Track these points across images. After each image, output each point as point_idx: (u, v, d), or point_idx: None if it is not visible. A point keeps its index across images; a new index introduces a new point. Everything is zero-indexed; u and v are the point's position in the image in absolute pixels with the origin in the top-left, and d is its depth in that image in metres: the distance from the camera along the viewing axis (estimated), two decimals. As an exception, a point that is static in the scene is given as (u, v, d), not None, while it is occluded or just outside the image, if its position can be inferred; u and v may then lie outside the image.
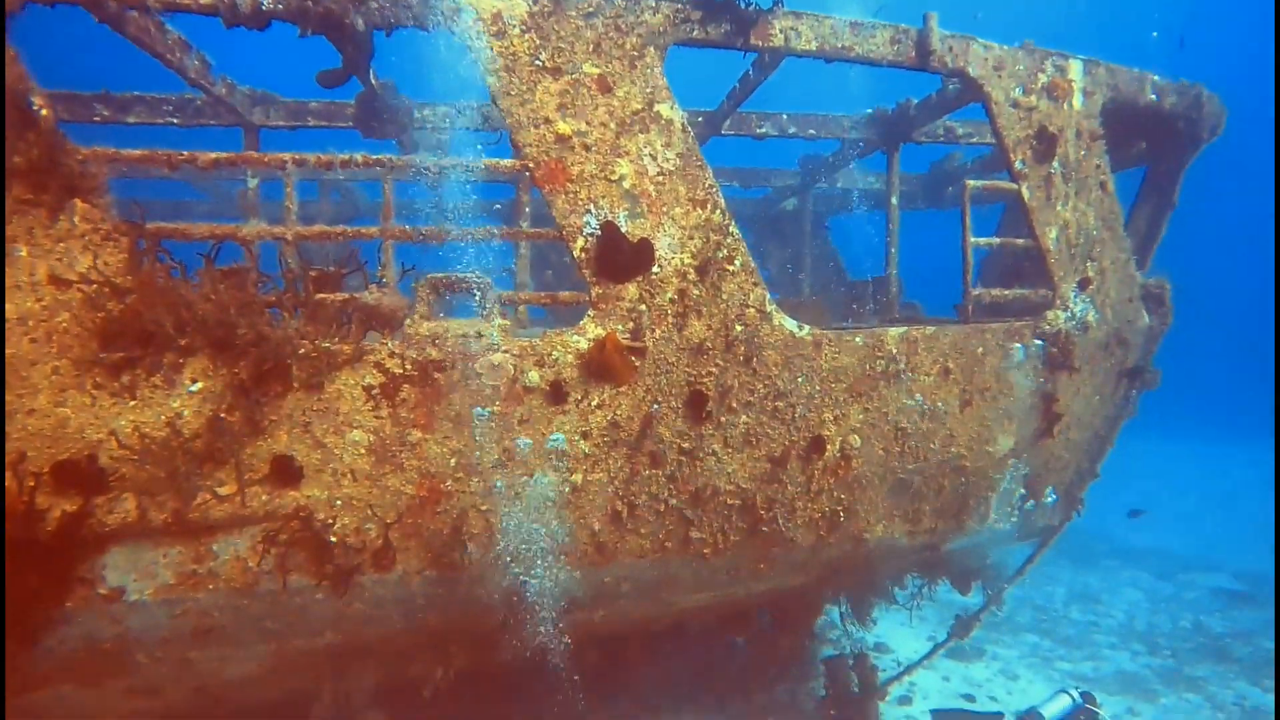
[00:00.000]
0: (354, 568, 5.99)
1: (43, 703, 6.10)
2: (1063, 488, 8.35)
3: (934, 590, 9.44)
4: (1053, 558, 18.01)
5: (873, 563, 7.46)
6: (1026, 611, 14.50)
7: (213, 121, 8.69)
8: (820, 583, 7.66)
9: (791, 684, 9.01)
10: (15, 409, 5.47)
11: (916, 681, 10.60)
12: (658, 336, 6.22)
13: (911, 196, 12.15)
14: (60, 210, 5.50)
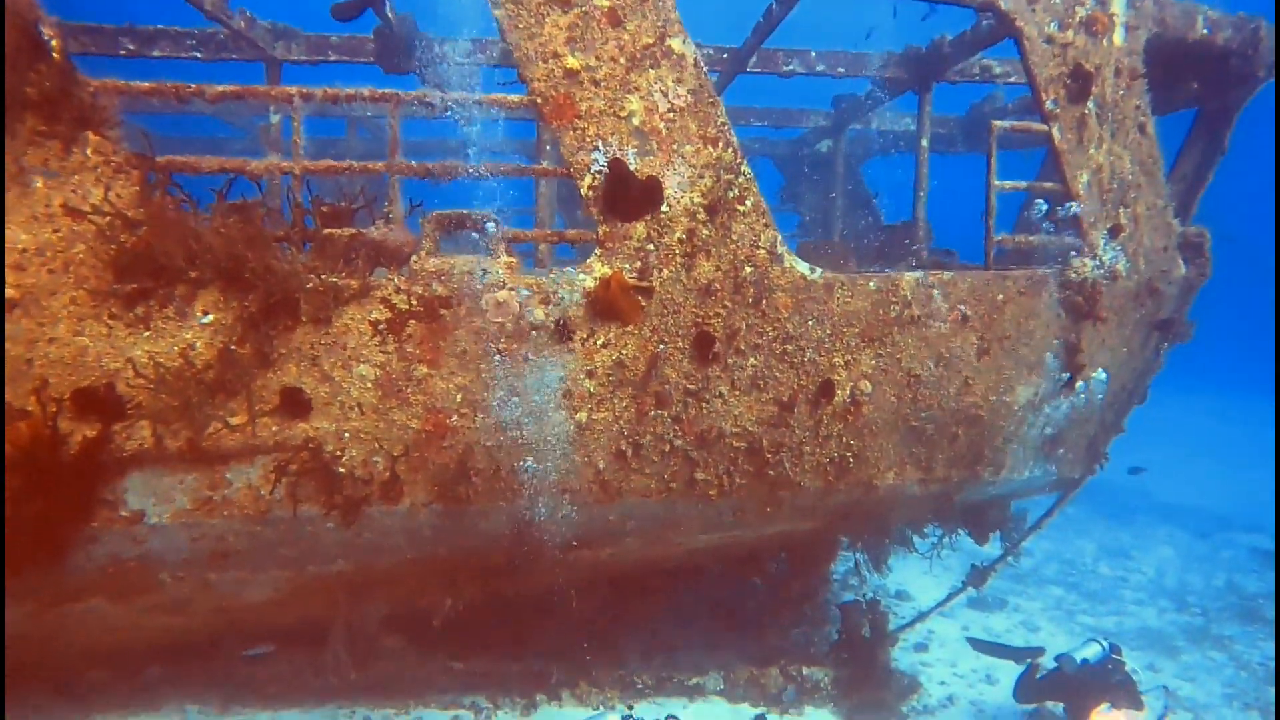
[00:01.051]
0: (362, 499, 6.12)
1: (79, 614, 6.39)
2: (1084, 441, 8.18)
3: (955, 540, 9.40)
4: (1085, 513, 17.78)
5: (884, 510, 7.42)
6: (1053, 565, 14.37)
7: (235, 56, 8.71)
8: (831, 528, 7.66)
9: (807, 628, 9.08)
10: (37, 337, 5.63)
11: (934, 630, 10.62)
12: (665, 276, 6.17)
13: (950, 139, 11.78)
14: (73, 142, 5.58)
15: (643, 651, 8.45)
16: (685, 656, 8.57)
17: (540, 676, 7.90)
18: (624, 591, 7.59)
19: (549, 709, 7.82)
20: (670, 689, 8.08)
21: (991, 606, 11.69)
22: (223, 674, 7.58)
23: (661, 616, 7.79)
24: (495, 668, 7.88)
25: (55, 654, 6.88)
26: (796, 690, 8.12)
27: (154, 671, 7.58)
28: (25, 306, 5.62)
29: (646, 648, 8.57)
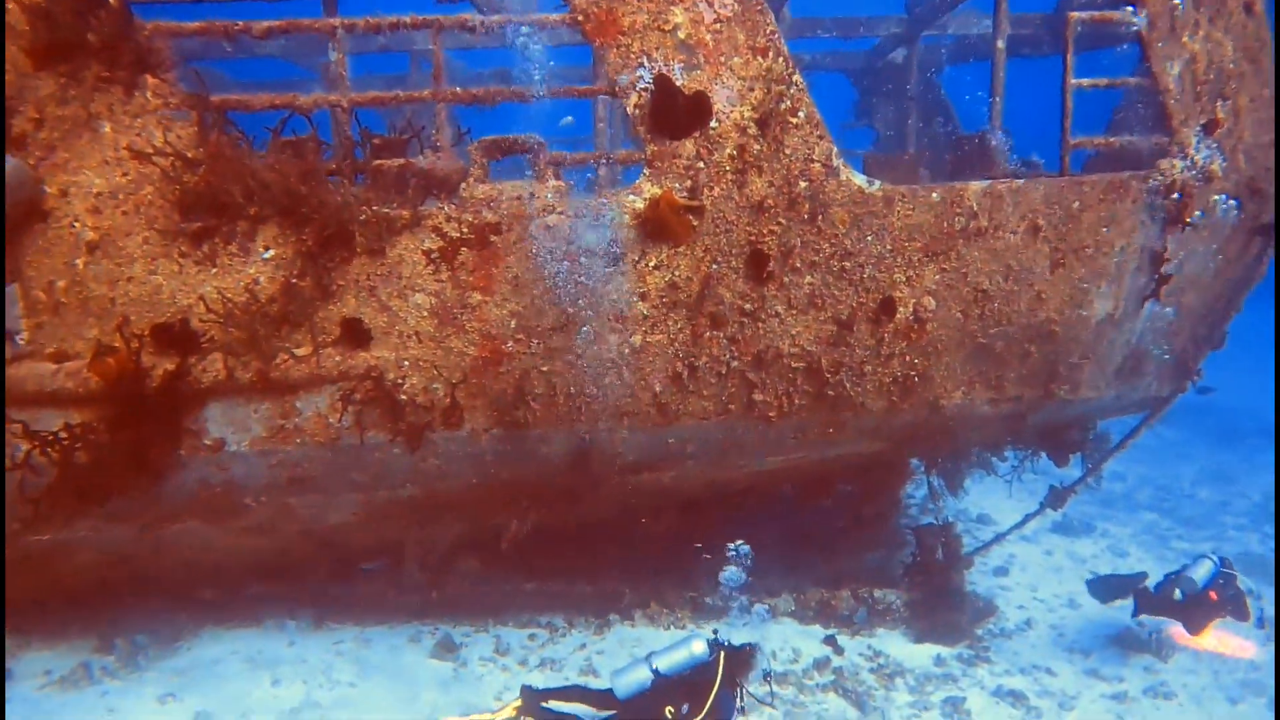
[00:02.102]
0: (425, 425, 6.30)
1: (177, 534, 6.83)
2: (1172, 356, 7.72)
3: (1036, 463, 9.11)
4: (1186, 436, 16.91)
5: (953, 431, 7.21)
6: (1146, 490, 13.78)
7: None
8: (899, 450, 7.51)
9: (880, 551, 9.01)
10: (117, 277, 5.93)
11: (1016, 554, 10.39)
12: (716, 194, 6.03)
13: (1035, 41, 11.01)
14: (134, 86, 5.76)
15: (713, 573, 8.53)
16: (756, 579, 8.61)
17: (613, 597, 8.09)
18: (692, 515, 7.64)
19: (622, 628, 8.01)
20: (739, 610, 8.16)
21: (1077, 531, 11.34)
22: (315, 592, 8.02)
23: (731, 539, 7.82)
24: (569, 589, 8.11)
25: (165, 570, 7.40)
26: (868, 612, 8.11)
27: (255, 589, 8.08)
28: (104, 248, 5.92)
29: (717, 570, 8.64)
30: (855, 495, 8.56)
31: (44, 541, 6.60)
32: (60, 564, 6.94)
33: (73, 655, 7.21)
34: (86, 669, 6.99)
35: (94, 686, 6.82)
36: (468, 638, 7.78)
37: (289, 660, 7.23)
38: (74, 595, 7.51)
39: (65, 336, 5.98)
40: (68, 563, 6.93)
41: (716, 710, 5.51)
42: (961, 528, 10.55)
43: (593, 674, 7.20)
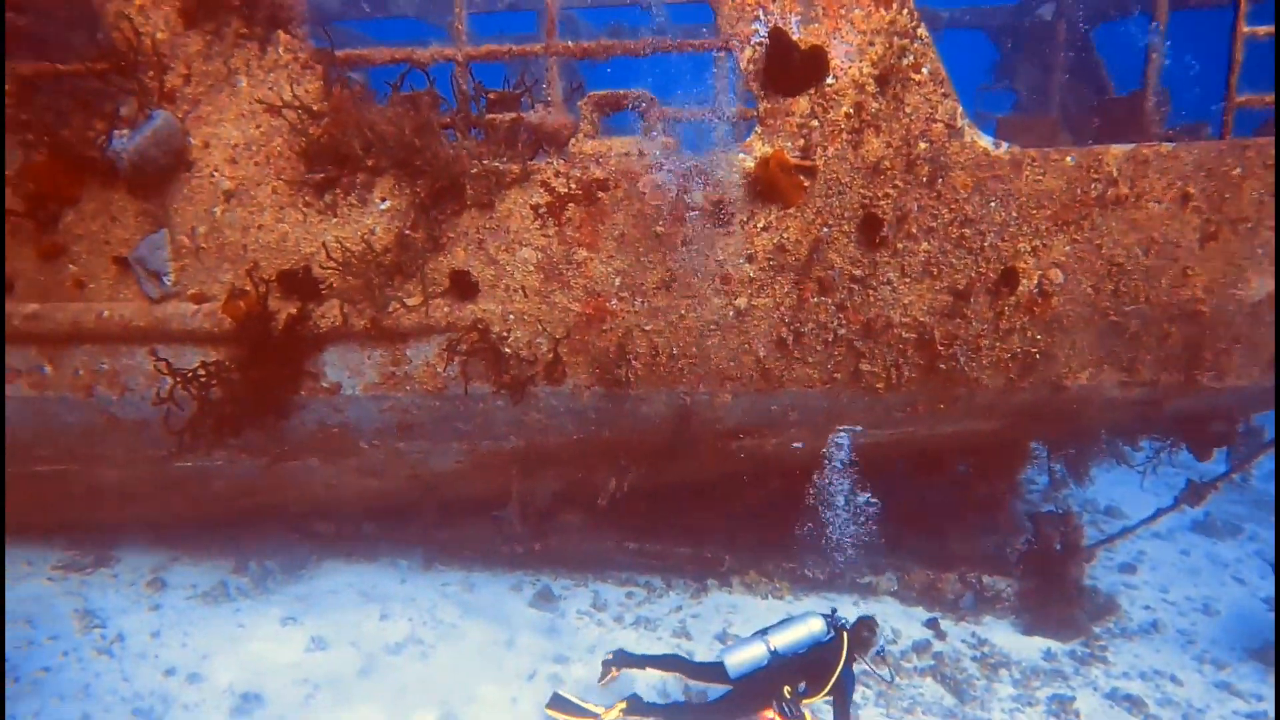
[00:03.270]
0: (528, 379, 6.41)
1: (298, 469, 7.25)
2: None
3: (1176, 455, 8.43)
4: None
5: (1078, 414, 6.74)
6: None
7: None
8: (1017, 430, 7.09)
9: (992, 536, 8.59)
10: (249, 224, 6.28)
11: (1146, 550, 9.69)
12: (830, 154, 5.80)
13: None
14: (268, 42, 6.04)
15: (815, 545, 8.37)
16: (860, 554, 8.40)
17: (711, 562, 8.07)
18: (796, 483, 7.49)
19: (719, 594, 7.99)
20: (841, 585, 8.00)
21: (1221, 532, 10.45)
22: (425, 534, 8.38)
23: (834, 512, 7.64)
24: (668, 550, 8.13)
25: (288, 503, 7.89)
26: (975, 598, 7.77)
27: (369, 528, 8.51)
28: (239, 196, 6.27)
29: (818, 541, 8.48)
30: (968, 475, 8.17)
31: (186, 468, 7.14)
32: (199, 490, 7.50)
33: (214, 573, 7.83)
34: (224, 587, 7.57)
35: (229, 603, 7.39)
36: (567, 590, 7.95)
37: (398, 597, 7.58)
38: (213, 519, 8.12)
39: (204, 279, 6.39)
40: (206, 489, 7.49)
41: (839, 690, 5.33)
42: (1086, 518, 9.99)
43: (685, 637, 7.22)
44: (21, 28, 6.63)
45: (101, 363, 6.59)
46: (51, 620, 6.92)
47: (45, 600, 7.24)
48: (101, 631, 6.83)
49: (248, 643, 6.77)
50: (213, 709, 6.02)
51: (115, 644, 6.68)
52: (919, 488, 8.32)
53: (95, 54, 6.31)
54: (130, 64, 6.11)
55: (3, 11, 6.09)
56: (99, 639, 6.74)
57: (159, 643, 6.72)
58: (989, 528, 8.45)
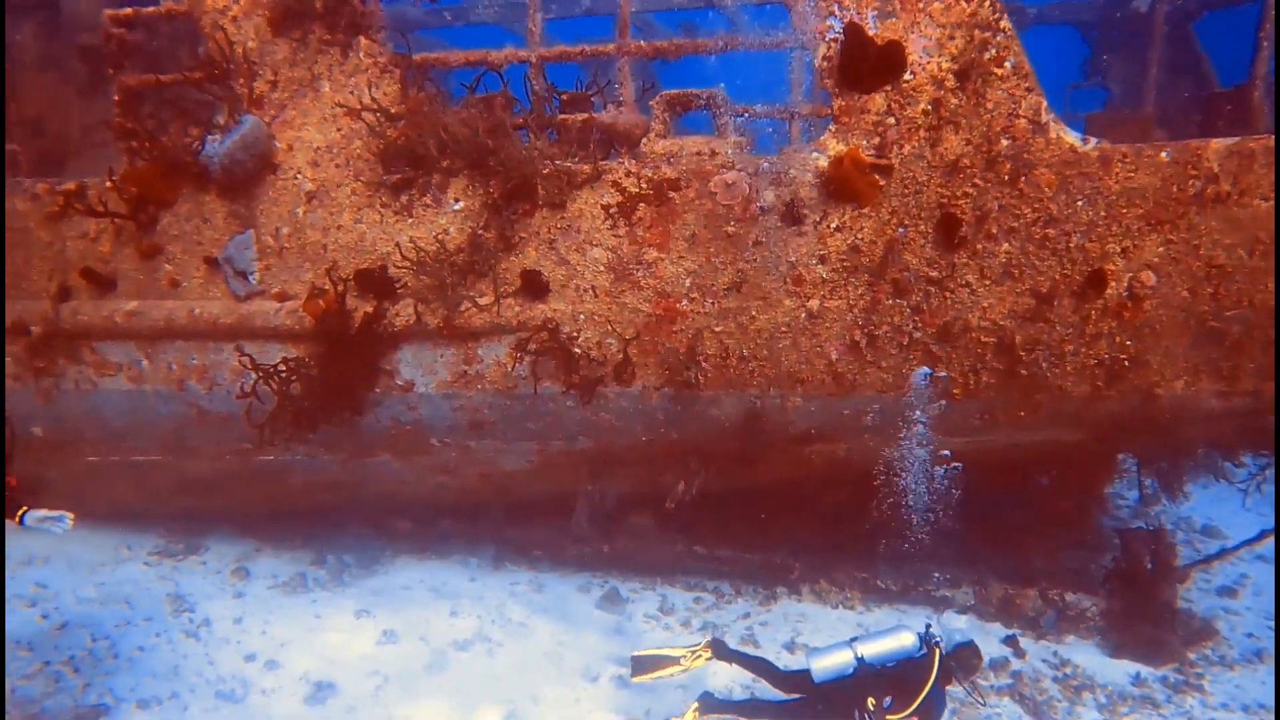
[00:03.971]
0: (597, 379, 6.41)
1: (373, 465, 7.42)
2: None
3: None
4: None
5: (1171, 425, 6.38)
6: None
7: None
8: (1104, 441, 6.75)
9: (1077, 551, 8.20)
10: (329, 225, 6.48)
11: (1251, 575, 9.10)
12: (906, 153, 5.64)
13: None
14: (350, 47, 6.22)
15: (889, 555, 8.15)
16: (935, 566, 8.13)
17: (781, 570, 7.93)
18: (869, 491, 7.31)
19: (788, 602, 7.85)
20: (915, 597, 7.75)
21: (1336, 557, 9.76)
22: (495, 533, 8.48)
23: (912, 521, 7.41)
24: (737, 556, 8.03)
25: (364, 499, 8.08)
26: (1057, 616, 7.42)
27: (442, 525, 8.66)
28: (320, 198, 6.47)
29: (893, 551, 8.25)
30: (1051, 488, 7.82)
31: (269, 462, 7.39)
32: (281, 483, 7.76)
33: (294, 565, 8.08)
34: (303, 578, 7.81)
35: (307, 594, 7.61)
36: (635, 593, 7.92)
37: (468, 595, 7.68)
38: (294, 512, 8.39)
39: (287, 278, 6.61)
40: (286, 483, 7.74)
41: (928, 710, 5.06)
42: (1180, 537, 9.47)
43: (753, 644, 7.11)
44: (132, 43, 7.01)
45: (192, 358, 6.88)
46: (147, 602, 7.25)
47: (141, 584, 7.60)
48: (190, 616, 7.12)
49: (323, 633, 6.95)
50: (288, 695, 6.19)
51: (202, 628, 6.96)
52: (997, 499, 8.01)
53: (193, 64, 6.62)
54: (223, 72, 6.38)
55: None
56: (187, 622, 7.03)
57: (241, 629, 6.97)
58: (1072, 543, 8.08)
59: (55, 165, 8.10)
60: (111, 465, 7.66)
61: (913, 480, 6.54)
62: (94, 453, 7.60)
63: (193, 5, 6.37)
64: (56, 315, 7.00)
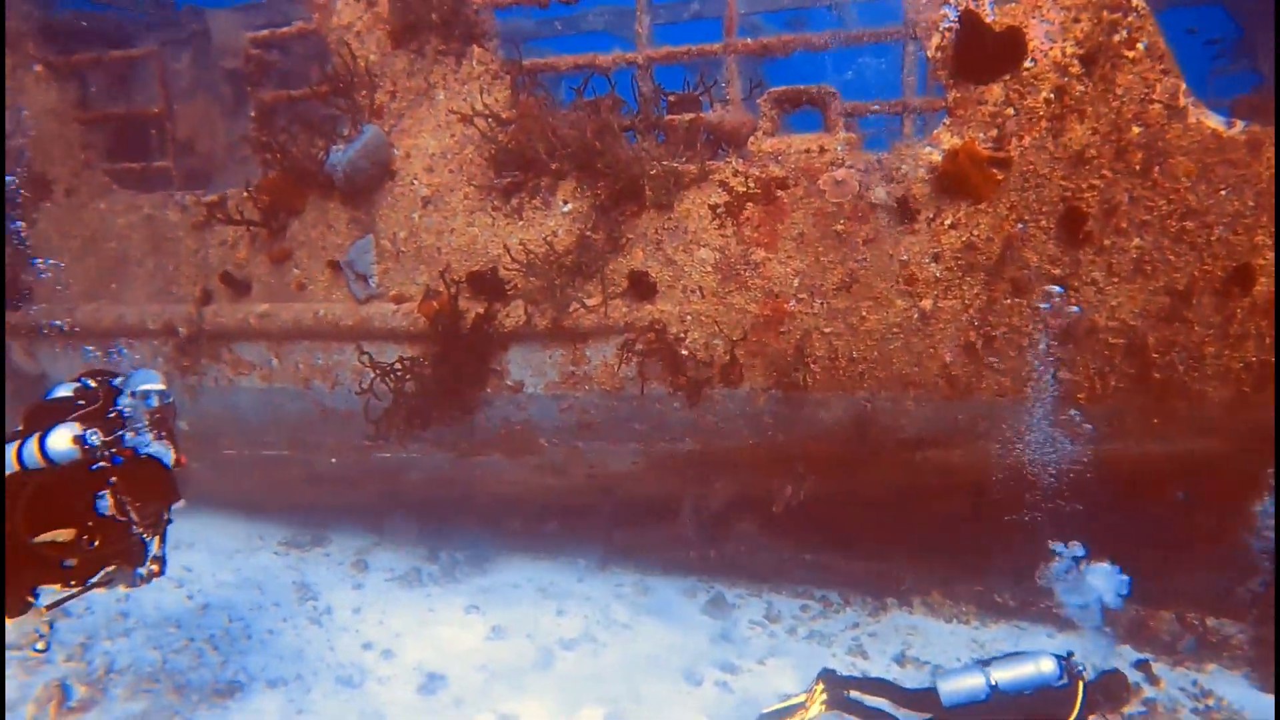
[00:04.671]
0: (704, 381, 6.37)
1: (484, 464, 7.60)
2: None
3: None
4: None
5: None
6: None
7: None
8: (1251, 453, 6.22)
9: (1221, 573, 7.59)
10: (443, 229, 6.69)
11: None
12: (1026, 144, 5.38)
13: None
14: (463, 56, 6.42)
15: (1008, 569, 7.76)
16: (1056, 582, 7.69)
17: (892, 580, 7.69)
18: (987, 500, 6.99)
19: (898, 614, 7.59)
20: (1036, 614, 7.35)
21: None
22: (602, 535, 8.54)
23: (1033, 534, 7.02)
24: (846, 564, 7.83)
25: (475, 496, 8.29)
26: (1197, 642, 6.89)
27: (551, 526, 8.79)
28: (435, 203, 6.70)
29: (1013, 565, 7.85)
30: (1189, 502, 7.26)
31: (386, 459, 7.68)
32: (397, 480, 8.05)
33: (410, 560, 8.37)
34: (417, 573, 8.08)
35: (421, 588, 7.87)
36: (741, 599, 7.82)
37: (575, 595, 7.77)
38: (409, 508, 8.69)
39: (403, 281, 6.87)
40: (402, 480, 8.03)
41: None
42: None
43: (861, 655, 6.90)
44: (271, 63, 7.47)
45: (317, 357, 7.24)
46: (276, 589, 7.65)
47: (272, 571, 8.03)
48: (314, 604, 7.47)
49: (435, 626, 7.17)
50: (401, 684, 6.40)
51: (324, 616, 7.29)
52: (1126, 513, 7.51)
53: (321, 79, 6.99)
54: (347, 85, 6.70)
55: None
56: (311, 610, 7.37)
57: (359, 619, 7.26)
58: (1214, 564, 7.47)
59: (202, 180, 8.67)
60: (245, 459, 8.13)
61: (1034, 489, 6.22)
62: (230, 446, 8.08)
63: (320, 23, 6.71)
64: (200, 317, 7.50)
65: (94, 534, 4.12)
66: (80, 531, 4.10)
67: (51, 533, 4.07)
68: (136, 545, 4.35)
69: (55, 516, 4.09)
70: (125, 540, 4.25)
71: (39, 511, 4.07)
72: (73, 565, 4.24)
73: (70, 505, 4.13)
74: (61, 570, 4.27)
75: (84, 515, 4.12)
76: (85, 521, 4.11)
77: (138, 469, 4.32)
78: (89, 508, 4.14)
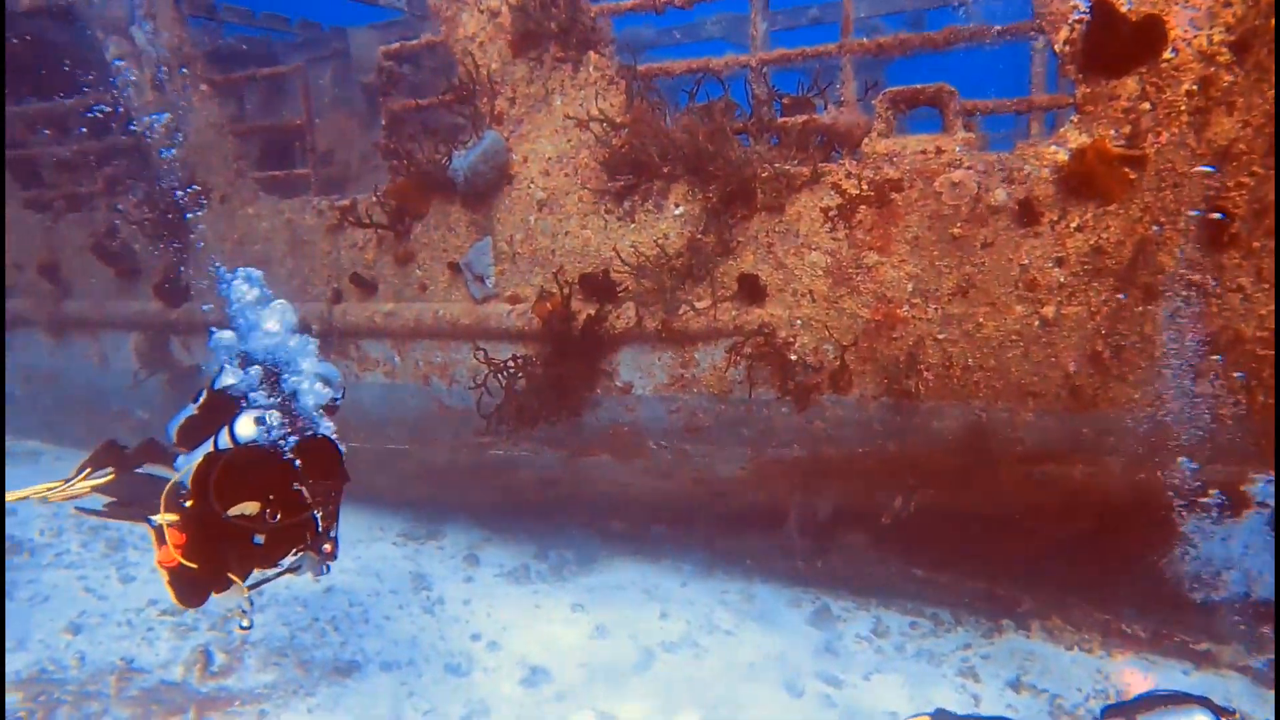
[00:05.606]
0: (813, 386, 6.28)
1: (592, 465, 7.71)
2: None
3: None
4: None
5: None
6: None
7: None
8: None
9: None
10: (557, 231, 6.85)
11: None
12: (1164, 141, 5.06)
13: None
14: (580, 63, 6.56)
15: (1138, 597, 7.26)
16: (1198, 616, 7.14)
17: (1007, 601, 7.33)
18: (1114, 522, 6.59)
19: (1014, 637, 7.22)
20: (1168, 649, 6.85)
21: None
22: (707, 540, 8.52)
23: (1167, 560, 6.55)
24: (958, 583, 7.52)
25: (584, 496, 8.42)
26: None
27: (658, 530, 8.83)
28: (550, 206, 6.86)
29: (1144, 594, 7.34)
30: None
31: (499, 457, 7.90)
32: (509, 477, 8.27)
33: (519, 556, 8.57)
34: (526, 570, 8.26)
35: (529, 585, 8.04)
36: (847, 612, 7.64)
37: (679, 599, 7.77)
38: (520, 506, 8.90)
39: (518, 282, 7.07)
40: (513, 477, 8.23)
41: None
42: None
43: (973, 678, 6.61)
44: (401, 75, 7.86)
45: (436, 355, 7.53)
46: (393, 577, 7.99)
47: (390, 560, 8.38)
48: (428, 594, 7.76)
49: (541, 622, 7.31)
50: (506, 676, 6.56)
51: (436, 605, 7.55)
52: None
53: (445, 88, 7.29)
54: (470, 93, 6.96)
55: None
56: (425, 599, 7.65)
57: (469, 610, 7.48)
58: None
59: (338, 188, 9.18)
60: (368, 452, 8.52)
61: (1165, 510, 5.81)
62: (355, 440, 8.48)
63: (447, 35, 7.01)
64: (331, 316, 7.94)
65: (275, 508, 4.36)
66: (263, 505, 4.34)
67: (240, 505, 4.33)
68: (310, 524, 4.58)
69: (242, 490, 4.35)
70: (302, 516, 4.48)
71: (228, 486, 4.36)
72: (262, 543, 4.51)
73: (254, 480, 4.42)
74: (254, 548, 4.54)
75: (266, 489, 4.38)
76: (267, 495, 4.36)
77: (313, 448, 4.60)
78: (271, 482, 4.41)
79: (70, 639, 6.62)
